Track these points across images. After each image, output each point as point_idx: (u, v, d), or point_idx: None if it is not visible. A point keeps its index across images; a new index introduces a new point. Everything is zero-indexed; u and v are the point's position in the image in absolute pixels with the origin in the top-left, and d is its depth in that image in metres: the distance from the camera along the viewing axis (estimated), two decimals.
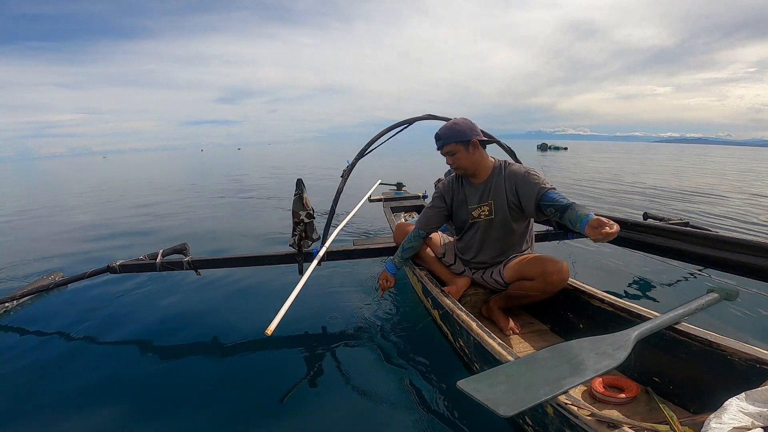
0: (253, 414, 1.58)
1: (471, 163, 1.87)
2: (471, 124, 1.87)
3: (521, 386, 1.04)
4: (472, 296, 2.00)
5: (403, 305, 2.49)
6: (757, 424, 0.85)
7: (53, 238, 5.17)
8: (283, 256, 2.39)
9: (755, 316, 2.24)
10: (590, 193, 7.78)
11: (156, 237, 5.02)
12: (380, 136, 2.59)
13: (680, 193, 7.88)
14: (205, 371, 1.93)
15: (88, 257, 4.01)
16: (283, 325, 1.73)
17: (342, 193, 2.54)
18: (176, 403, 1.68)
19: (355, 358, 1.97)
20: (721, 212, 5.66)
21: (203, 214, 6.68)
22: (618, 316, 1.57)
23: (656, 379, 1.38)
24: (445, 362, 1.82)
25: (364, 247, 2.53)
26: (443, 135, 1.87)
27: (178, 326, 2.37)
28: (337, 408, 1.60)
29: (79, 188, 13.33)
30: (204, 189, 10.71)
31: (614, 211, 5.72)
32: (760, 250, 1.66)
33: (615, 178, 10.95)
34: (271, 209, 6.76)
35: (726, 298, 1.49)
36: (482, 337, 1.41)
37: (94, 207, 8.11)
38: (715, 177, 11.80)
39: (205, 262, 2.42)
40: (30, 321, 2.54)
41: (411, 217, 4.01)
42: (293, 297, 1.89)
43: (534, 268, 1.75)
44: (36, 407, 1.68)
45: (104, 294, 2.87)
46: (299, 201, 2.22)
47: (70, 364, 2.00)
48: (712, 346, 1.23)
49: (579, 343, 1.20)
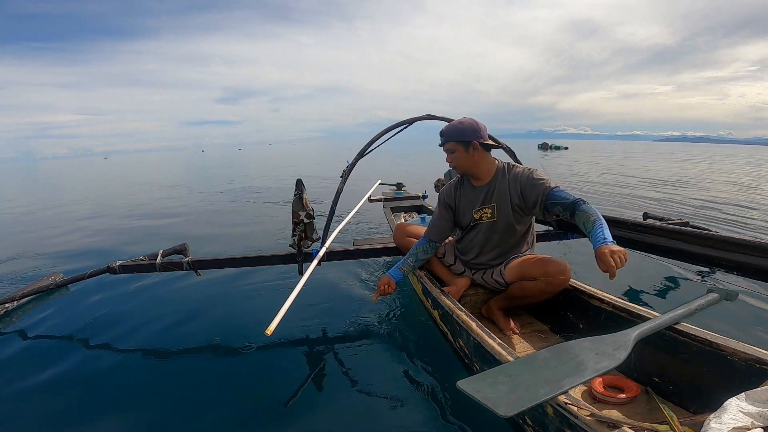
0: (253, 414, 1.58)
1: (469, 164, 1.87)
2: (476, 126, 1.85)
3: (521, 386, 1.04)
4: (472, 296, 2.00)
5: (403, 305, 2.48)
6: (757, 424, 0.85)
7: (53, 239, 5.17)
8: (283, 257, 2.39)
9: (755, 316, 2.24)
10: (590, 194, 7.77)
11: (156, 237, 5.03)
12: (380, 136, 2.59)
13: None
14: (205, 371, 1.93)
15: (88, 258, 4.01)
16: (283, 326, 1.73)
17: (342, 193, 2.54)
18: (176, 404, 1.68)
19: (354, 358, 1.97)
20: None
21: (203, 214, 6.69)
22: (618, 316, 1.57)
23: (656, 379, 1.37)
24: (445, 362, 1.82)
25: (364, 247, 2.53)
26: (446, 132, 1.89)
27: (178, 326, 2.37)
28: (336, 408, 1.60)
29: (80, 189, 13.35)
30: (204, 189, 10.71)
31: (614, 211, 5.72)
32: (760, 250, 1.65)
33: (615, 178, 10.94)
34: (271, 210, 6.76)
35: (726, 298, 1.49)
36: (482, 337, 1.41)
37: (95, 208, 8.12)
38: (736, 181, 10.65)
39: (205, 263, 2.42)
40: (30, 322, 2.54)
41: (411, 218, 4.01)
42: (293, 297, 1.89)
43: (536, 268, 1.75)
44: (35, 407, 1.68)
45: (104, 295, 2.87)
46: (299, 201, 2.22)
47: (69, 364, 2.00)
48: (712, 346, 1.23)
49: (579, 343, 1.20)
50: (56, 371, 1.94)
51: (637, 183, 9.79)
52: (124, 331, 2.33)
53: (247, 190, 9.89)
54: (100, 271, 2.43)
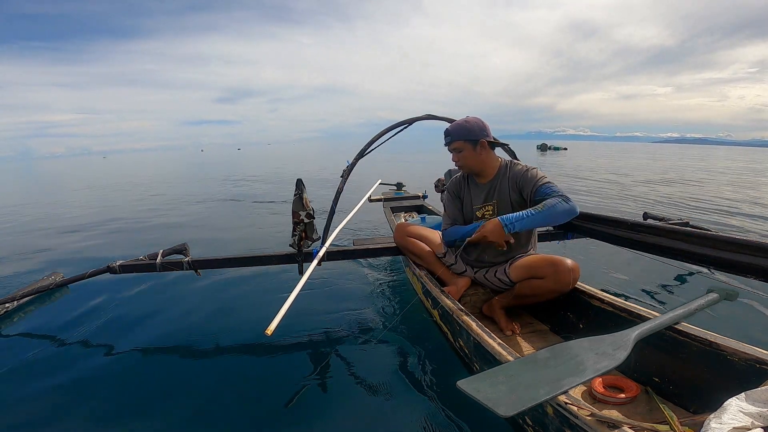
0: (253, 414, 1.58)
1: (477, 163, 1.89)
2: (482, 125, 1.89)
3: (521, 386, 1.04)
4: (472, 296, 2.00)
5: (403, 305, 2.48)
6: (757, 424, 0.85)
7: (53, 239, 5.16)
8: (283, 256, 2.39)
9: (755, 316, 2.24)
10: (590, 194, 7.77)
11: (156, 237, 5.02)
12: (380, 136, 2.59)
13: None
14: (205, 371, 1.93)
15: (88, 257, 4.01)
16: (283, 326, 1.72)
17: (342, 193, 2.54)
18: (176, 404, 1.68)
19: (354, 358, 1.97)
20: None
21: (203, 214, 6.68)
22: (618, 316, 1.57)
23: (656, 379, 1.38)
24: (445, 362, 1.82)
25: (364, 247, 2.53)
26: (453, 131, 1.90)
27: (178, 326, 2.37)
28: (336, 407, 1.60)
29: (79, 188, 13.32)
30: (204, 189, 10.70)
31: (614, 211, 5.72)
32: (760, 250, 1.65)
33: (615, 178, 10.95)
34: (270, 210, 6.76)
35: (726, 298, 1.49)
36: (482, 337, 1.41)
37: (94, 207, 8.11)
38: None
39: (205, 263, 2.42)
40: (30, 322, 2.54)
41: (411, 218, 4.00)
42: (293, 297, 1.89)
43: (545, 267, 1.74)
44: (34, 408, 1.68)
45: (104, 294, 2.87)
46: (299, 201, 2.22)
47: (68, 365, 1.99)
48: (712, 346, 1.23)
49: (579, 343, 1.20)
50: (56, 371, 1.94)
51: (637, 183, 9.79)
52: (124, 331, 2.33)
53: (247, 190, 9.88)
54: (100, 270, 2.43)
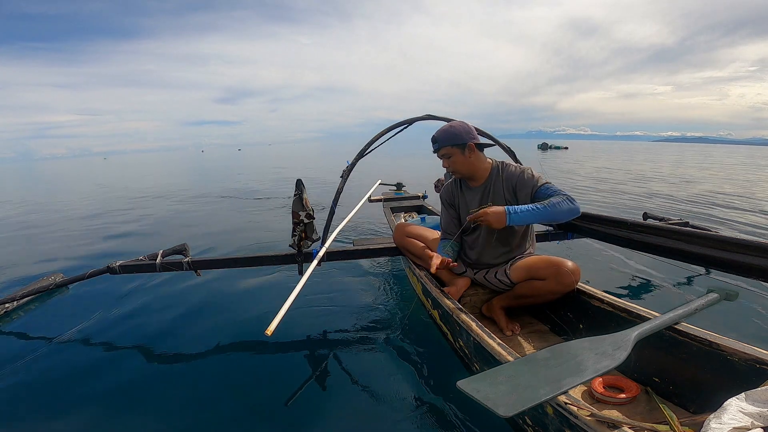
0: (253, 414, 1.58)
1: (467, 167, 1.88)
2: (467, 128, 1.87)
3: (521, 386, 1.04)
4: (472, 296, 2.00)
5: (403, 306, 2.48)
6: (757, 424, 0.85)
7: (53, 239, 5.17)
8: (283, 257, 2.39)
9: (755, 316, 2.24)
10: (590, 194, 7.77)
11: (156, 238, 5.02)
12: (380, 137, 2.59)
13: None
14: (205, 371, 1.93)
15: (88, 258, 4.01)
16: (283, 326, 1.73)
17: (342, 193, 2.54)
18: (176, 404, 1.68)
19: (354, 358, 1.97)
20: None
21: (203, 214, 6.68)
22: (618, 316, 1.57)
23: (656, 379, 1.38)
24: (445, 362, 1.82)
25: (364, 248, 2.53)
26: (439, 138, 1.88)
27: (178, 327, 2.37)
28: (336, 407, 1.60)
29: (79, 189, 13.33)
30: (204, 190, 10.70)
31: (614, 211, 5.72)
32: (760, 250, 1.65)
33: (615, 178, 10.95)
34: (270, 210, 6.76)
35: (726, 298, 1.49)
36: (482, 337, 1.41)
37: (95, 208, 8.10)
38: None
39: (204, 263, 2.42)
40: (29, 322, 2.54)
41: (411, 218, 4.01)
42: (293, 297, 1.89)
43: (546, 268, 1.74)
44: (34, 408, 1.68)
45: (104, 295, 2.87)
46: (299, 201, 2.22)
47: (68, 365, 2.00)
48: (712, 346, 1.23)
49: (579, 343, 1.20)
50: (55, 371, 1.94)
51: (637, 183, 9.79)
52: (124, 332, 2.33)
53: (247, 190, 9.88)
54: (100, 271, 2.43)
